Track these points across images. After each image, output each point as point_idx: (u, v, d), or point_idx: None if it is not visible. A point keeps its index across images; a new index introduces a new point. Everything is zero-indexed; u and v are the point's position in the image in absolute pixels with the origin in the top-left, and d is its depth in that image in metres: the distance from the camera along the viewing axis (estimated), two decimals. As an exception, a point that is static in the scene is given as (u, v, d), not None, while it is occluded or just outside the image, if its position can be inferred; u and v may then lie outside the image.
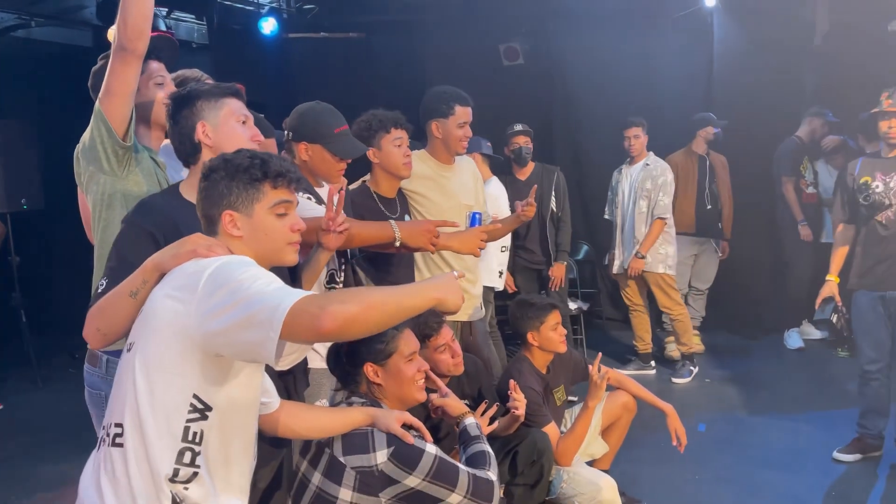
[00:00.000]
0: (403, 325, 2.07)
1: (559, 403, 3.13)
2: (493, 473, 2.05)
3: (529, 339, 2.99)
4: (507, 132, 4.94)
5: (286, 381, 1.96)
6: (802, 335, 5.63)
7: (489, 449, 2.15)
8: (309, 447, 2.03)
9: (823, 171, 5.60)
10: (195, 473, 1.48)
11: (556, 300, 3.06)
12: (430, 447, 1.95)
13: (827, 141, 5.46)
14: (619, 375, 3.14)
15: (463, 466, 2.00)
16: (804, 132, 5.50)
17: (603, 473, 3.01)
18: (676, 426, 3.06)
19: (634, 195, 5.02)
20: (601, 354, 2.98)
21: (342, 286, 2.43)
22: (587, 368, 3.12)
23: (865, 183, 3.50)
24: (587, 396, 2.91)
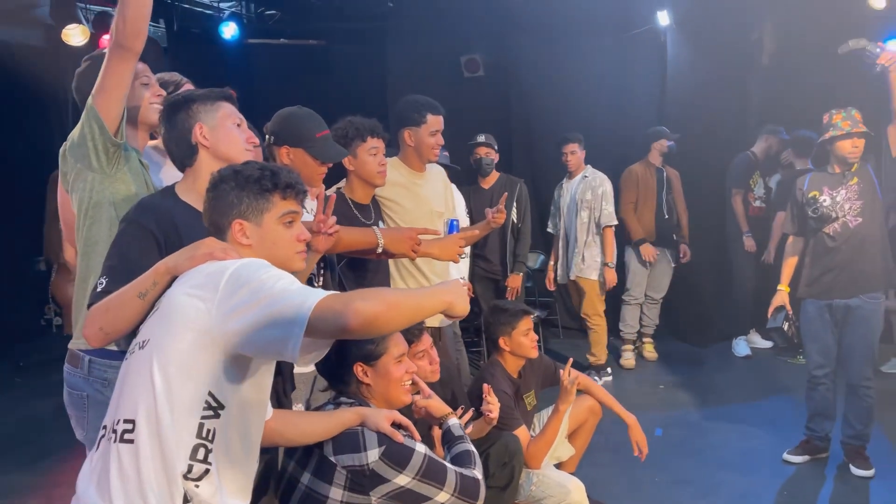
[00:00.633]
0: None
1: (530, 408, 3.20)
2: (478, 472, 2.10)
3: (501, 343, 3.05)
4: (468, 142, 5.02)
5: (275, 383, 1.96)
6: (749, 343, 5.86)
7: (473, 448, 2.20)
8: (296, 448, 2.04)
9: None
10: (207, 471, 1.49)
11: (528, 307, 3.13)
12: (419, 446, 1.99)
13: (786, 154, 5.72)
14: (587, 381, 3.23)
15: (450, 465, 2.04)
16: (759, 148, 5.74)
17: (571, 476, 3.08)
18: (638, 438, 3.17)
19: (576, 207, 5.22)
20: (572, 360, 3.06)
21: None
22: (557, 373, 3.20)
23: (814, 197, 3.70)
24: (558, 400, 2.98)
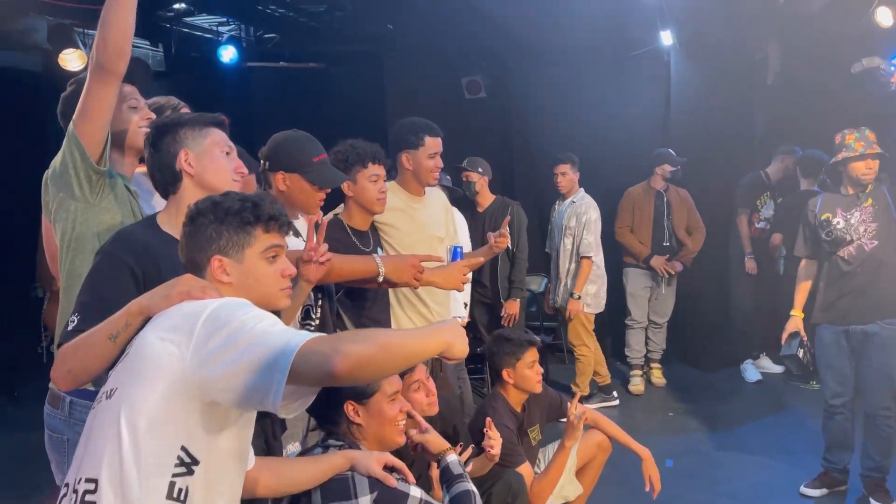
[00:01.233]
0: None
1: (534, 443, 3.07)
2: (480, 516, 1.97)
3: (505, 376, 2.92)
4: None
5: (263, 424, 1.84)
6: (759, 368, 5.71)
7: (474, 488, 2.08)
8: (281, 498, 1.91)
9: None
10: None
11: (533, 337, 3.01)
12: (414, 490, 1.87)
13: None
14: (595, 415, 3.09)
15: (449, 510, 1.92)
16: (774, 169, 5.60)
17: (578, 515, 2.94)
18: (651, 472, 3.03)
19: (561, 232, 5.10)
20: (579, 394, 2.93)
21: (318, 323, 2.33)
22: (563, 407, 3.07)
23: (827, 219, 3.58)
24: (564, 437, 2.85)
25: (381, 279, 2.37)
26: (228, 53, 6.20)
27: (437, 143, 3.08)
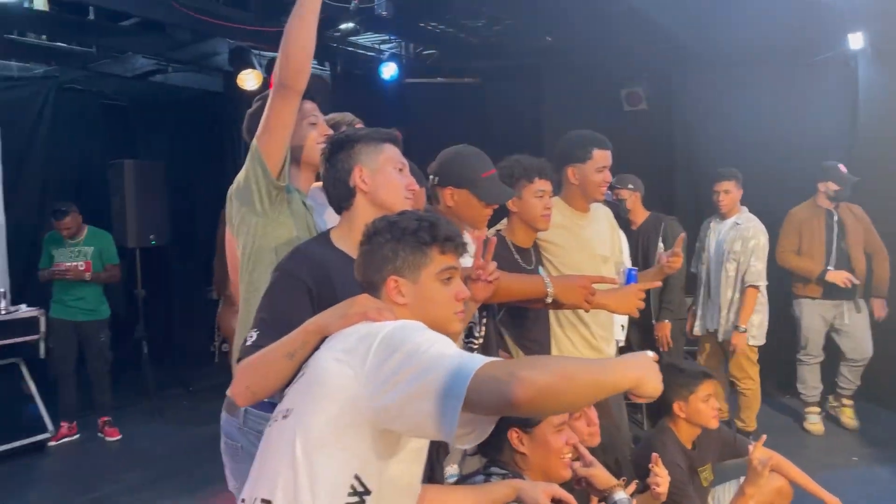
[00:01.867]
0: None
1: (705, 484, 2.82)
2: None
3: (676, 409, 2.71)
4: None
5: (429, 449, 1.80)
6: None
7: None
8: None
9: None
10: None
11: (708, 370, 2.77)
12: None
13: None
14: (779, 459, 2.79)
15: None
16: None
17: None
18: None
19: (722, 256, 4.64)
20: (765, 437, 2.65)
21: (481, 342, 2.27)
22: (738, 446, 2.81)
23: None
24: (745, 482, 2.59)
25: (549, 300, 2.27)
26: (389, 70, 6.39)
27: (605, 156, 2.94)
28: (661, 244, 4.52)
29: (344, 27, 5.75)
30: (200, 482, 4.36)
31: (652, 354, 1.37)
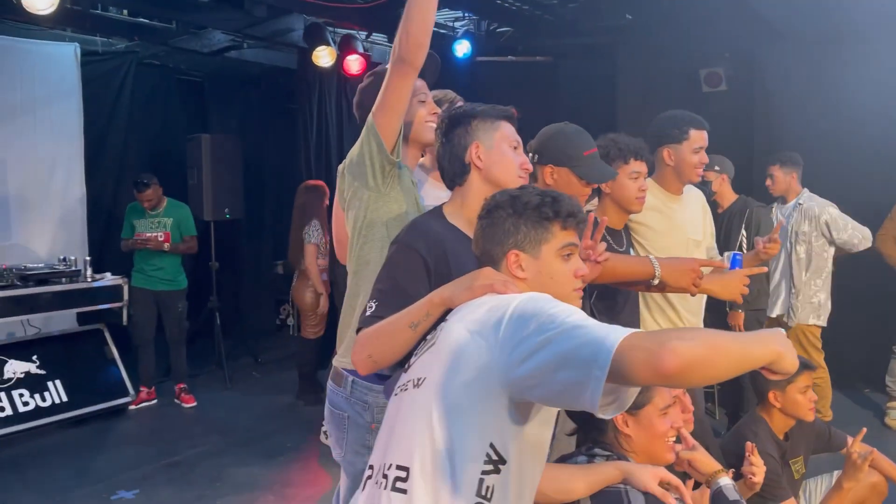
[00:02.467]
0: None
1: (797, 476, 2.74)
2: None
3: (771, 398, 2.63)
4: None
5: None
6: None
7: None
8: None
9: None
10: None
11: (808, 360, 2.69)
12: (694, 514, 1.71)
13: None
14: (877, 455, 2.69)
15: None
16: None
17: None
18: None
19: (791, 239, 4.53)
20: (865, 430, 2.56)
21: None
22: (833, 439, 2.73)
23: None
24: (842, 476, 2.51)
25: (656, 282, 2.23)
26: (462, 48, 6.35)
27: (702, 136, 2.86)
28: (742, 230, 4.40)
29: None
30: (275, 450, 4.47)
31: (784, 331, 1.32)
